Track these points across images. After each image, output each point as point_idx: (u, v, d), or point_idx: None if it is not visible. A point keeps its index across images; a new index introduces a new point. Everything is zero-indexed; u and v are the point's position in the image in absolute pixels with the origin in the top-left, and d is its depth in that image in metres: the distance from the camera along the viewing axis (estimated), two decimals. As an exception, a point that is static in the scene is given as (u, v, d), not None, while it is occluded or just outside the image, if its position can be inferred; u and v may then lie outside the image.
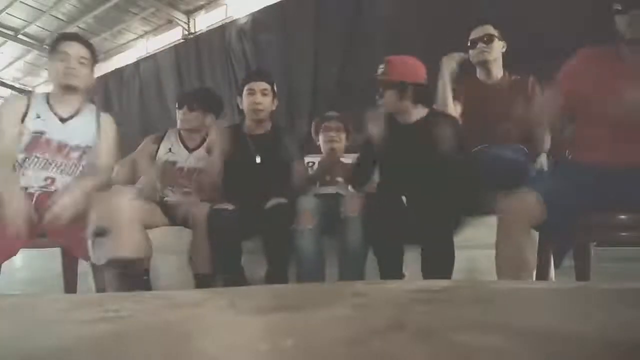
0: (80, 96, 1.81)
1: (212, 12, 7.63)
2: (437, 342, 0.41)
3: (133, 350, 0.44)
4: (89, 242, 1.56)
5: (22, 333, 0.53)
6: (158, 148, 2.28)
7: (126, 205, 1.58)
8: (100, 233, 1.54)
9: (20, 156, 1.67)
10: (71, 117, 1.77)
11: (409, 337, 0.43)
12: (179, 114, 2.23)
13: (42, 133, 1.69)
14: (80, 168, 1.79)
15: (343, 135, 2.41)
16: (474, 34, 2.05)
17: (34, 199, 1.62)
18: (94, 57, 1.80)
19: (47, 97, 1.77)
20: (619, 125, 1.41)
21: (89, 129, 1.81)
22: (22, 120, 1.68)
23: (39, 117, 1.70)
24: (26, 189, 1.64)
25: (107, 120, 1.88)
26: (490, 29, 2.02)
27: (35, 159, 1.68)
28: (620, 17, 1.45)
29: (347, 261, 1.72)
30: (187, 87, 6.09)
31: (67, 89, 1.73)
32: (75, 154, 1.76)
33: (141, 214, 1.65)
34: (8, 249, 1.48)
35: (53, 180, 1.70)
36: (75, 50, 1.71)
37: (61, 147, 1.72)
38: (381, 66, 1.85)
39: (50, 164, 1.70)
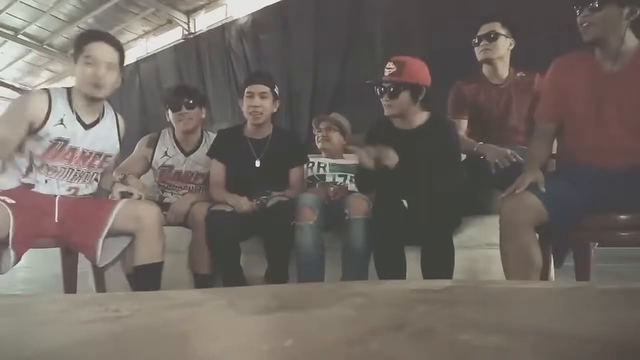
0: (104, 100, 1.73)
1: (212, 12, 7.63)
2: (437, 342, 0.41)
3: (133, 350, 0.44)
4: (99, 245, 1.58)
5: (22, 333, 0.53)
6: (154, 151, 2.23)
7: (152, 213, 1.62)
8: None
9: (38, 162, 1.60)
10: (94, 123, 1.69)
11: (409, 337, 0.43)
12: (175, 117, 2.15)
13: (65, 141, 1.61)
14: (98, 175, 1.76)
15: (334, 135, 2.40)
16: (480, 31, 2.03)
17: (57, 202, 1.62)
18: (123, 59, 1.67)
19: (70, 99, 1.64)
20: (606, 125, 1.41)
21: (110, 135, 1.75)
22: (41, 124, 1.56)
23: (62, 123, 1.59)
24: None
25: (122, 124, 1.82)
26: (497, 27, 2.00)
27: (61, 169, 1.63)
28: (578, 20, 1.44)
29: (351, 263, 1.71)
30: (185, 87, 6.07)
31: (94, 99, 1.64)
32: (97, 162, 1.71)
33: (161, 218, 1.68)
34: (27, 240, 1.51)
35: (77, 189, 1.69)
36: (103, 53, 1.58)
37: (85, 156, 1.67)
38: (390, 65, 1.76)
39: (75, 173, 1.66)
